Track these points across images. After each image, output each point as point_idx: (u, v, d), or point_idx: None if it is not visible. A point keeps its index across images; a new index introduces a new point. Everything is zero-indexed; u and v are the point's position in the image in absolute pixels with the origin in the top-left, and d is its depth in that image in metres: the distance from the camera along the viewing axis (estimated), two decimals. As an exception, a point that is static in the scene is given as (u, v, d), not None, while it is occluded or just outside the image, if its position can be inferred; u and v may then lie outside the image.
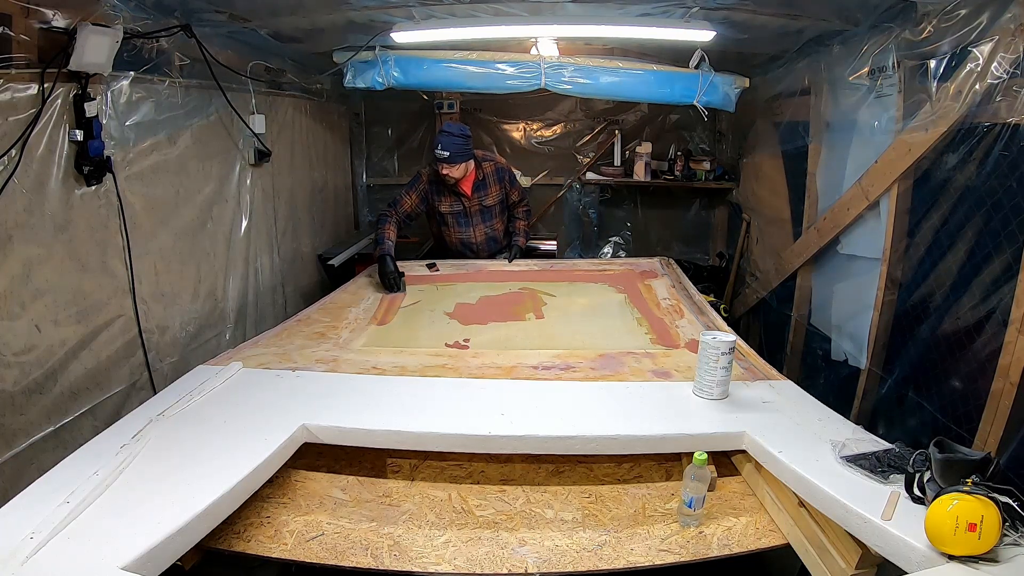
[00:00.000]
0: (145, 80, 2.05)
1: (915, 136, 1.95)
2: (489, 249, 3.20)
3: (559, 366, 1.83)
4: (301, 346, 2.00)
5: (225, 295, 2.62)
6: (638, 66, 3.02)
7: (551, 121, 4.43)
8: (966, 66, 1.73)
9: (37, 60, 1.61)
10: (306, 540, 1.25)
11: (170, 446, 1.32)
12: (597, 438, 1.41)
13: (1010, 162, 1.63)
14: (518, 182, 3.20)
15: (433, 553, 1.22)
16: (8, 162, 1.54)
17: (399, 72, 2.94)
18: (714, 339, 1.53)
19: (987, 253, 1.72)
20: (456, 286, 2.79)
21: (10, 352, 1.59)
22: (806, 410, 1.53)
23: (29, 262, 1.64)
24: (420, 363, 1.86)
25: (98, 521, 1.07)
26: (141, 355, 2.08)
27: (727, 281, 3.99)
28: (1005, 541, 0.96)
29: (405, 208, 2.98)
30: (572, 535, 1.27)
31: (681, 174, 4.14)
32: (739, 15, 2.35)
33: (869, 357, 2.27)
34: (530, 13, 2.48)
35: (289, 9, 2.38)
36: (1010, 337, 1.55)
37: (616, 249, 4.59)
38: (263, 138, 2.82)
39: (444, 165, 2.81)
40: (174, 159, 2.24)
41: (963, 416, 1.76)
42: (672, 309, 2.40)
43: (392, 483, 1.46)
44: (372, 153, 4.54)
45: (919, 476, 1.12)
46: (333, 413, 1.48)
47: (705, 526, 1.30)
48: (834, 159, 2.59)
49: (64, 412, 1.77)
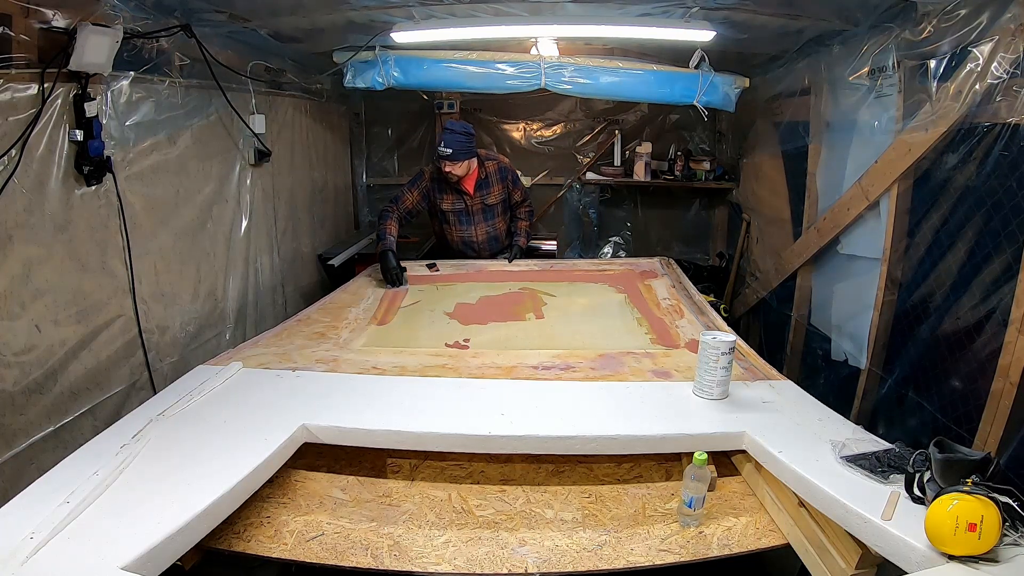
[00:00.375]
0: (145, 80, 2.05)
1: (915, 136, 1.95)
2: (490, 248, 3.20)
3: (559, 366, 1.83)
4: (301, 346, 2.00)
5: (225, 295, 2.62)
6: (638, 66, 3.02)
7: (551, 121, 4.43)
8: (966, 66, 1.73)
9: (37, 60, 1.61)
10: (306, 540, 1.25)
11: (170, 446, 1.32)
12: (597, 438, 1.41)
13: (1010, 162, 1.63)
14: (521, 182, 3.20)
15: (433, 553, 1.22)
16: (8, 162, 1.54)
17: (399, 72, 2.94)
18: (714, 339, 1.53)
19: (987, 253, 1.72)
20: (456, 286, 2.79)
21: (10, 352, 1.59)
22: (806, 410, 1.53)
23: (29, 262, 1.64)
24: (420, 363, 1.86)
25: (98, 521, 1.07)
26: (141, 355, 2.08)
27: (727, 281, 3.99)
28: (1005, 541, 0.96)
29: (406, 205, 2.99)
30: (572, 535, 1.27)
31: (681, 174, 4.14)
32: (739, 15, 2.35)
33: (869, 357, 2.27)
34: (530, 13, 2.48)
35: (289, 9, 2.38)
36: (1010, 337, 1.56)
37: (616, 249, 4.59)
38: (263, 138, 2.82)
39: (446, 162, 2.81)
40: (174, 159, 2.24)
41: (963, 416, 1.76)
42: (672, 309, 2.40)
43: (392, 483, 1.45)
44: (372, 153, 4.54)
45: (919, 476, 1.12)
46: (333, 413, 1.48)
47: (705, 526, 1.30)
48: (834, 159, 2.59)
49: (64, 412, 1.77)
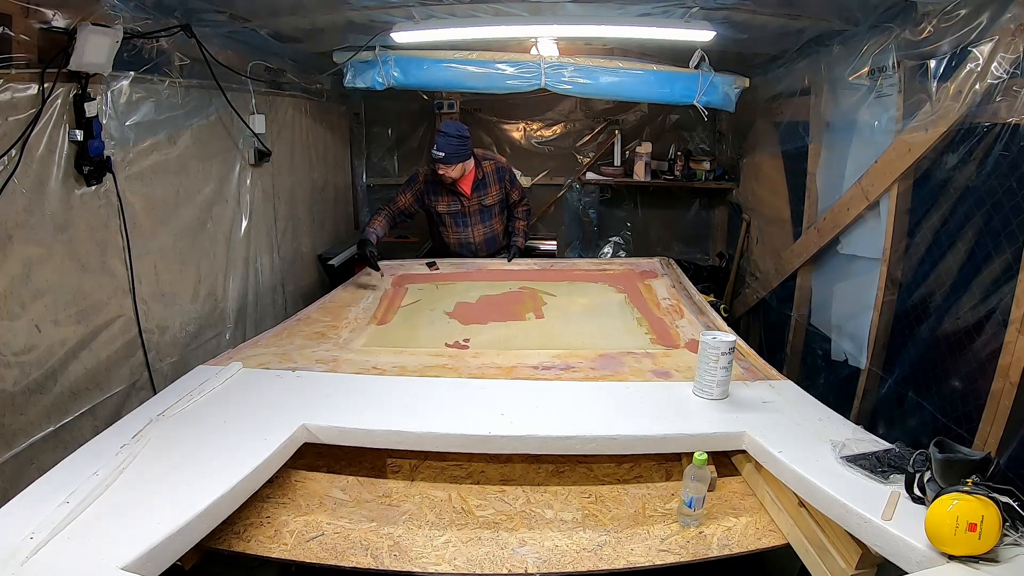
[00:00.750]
0: (145, 80, 2.05)
1: (915, 136, 1.95)
2: (488, 249, 3.19)
3: (559, 366, 1.83)
4: (301, 346, 2.00)
5: (225, 295, 2.62)
6: (638, 66, 3.02)
7: (551, 121, 4.43)
8: (966, 66, 1.73)
9: (37, 60, 1.61)
10: (306, 540, 1.25)
11: (170, 446, 1.32)
12: (597, 438, 1.41)
13: (1010, 162, 1.63)
14: (518, 182, 3.20)
15: (433, 553, 1.22)
16: (8, 162, 1.54)
17: (399, 72, 2.94)
18: (714, 339, 1.53)
19: (987, 253, 1.72)
20: (456, 285, 2.79)
21: (10, 352, 1.59)
22: (806, 410, 1.53)
23: (29, 262, 1.64)
24: (420, 363, 1.86)
25: (98, 521, 1.07)
26: (141, 355, 2.08)
27: (727, 281, 3.99)
28: (1005, 541, 0.96)
29: (399, 205, 3.00)
30: (572, 535, 1.27)
31: (681, 174, 4.14)
32: (739, 15, 2.35)
33: (869, 357, 2.27)
34: (530, 13, 2.48)
35: (289, 9, 2.38)
36: (1010, 337, 1.56)
37: (616, 249, 4.59)
38: (263, 138, 2.82)
39: (440, 165, 2.80)
40: (174, 159, 2.24)
41: (963, 416, 1.76)
42: (672, 309, 2.40)
43: (392, 483, 1.46)
44: (372, 153, 4.54)
45: (919, 476, 1.12)
46: (333, 413, 1.48)
47: (705, 526, 1.30)
48: (834, 159, 2.59)
49: (64, 412, 1.77)
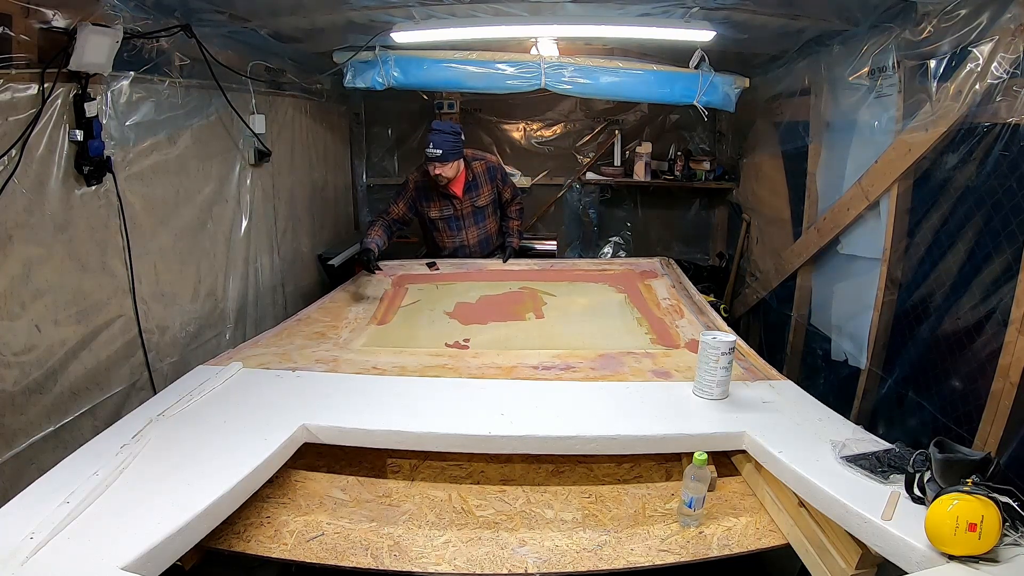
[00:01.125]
0: (145, 80, 2.05)
1: (915, 136, 1.95)
2: (482, 250, 3.17)
3: (559, 366, 1.83)
4: (301, 346, 2.00)
5: (225, 295, 2.62)
6: (638, 66, 3.01)
7: (551, 121, 4.43)
8: (966, 66, 1.73)
9: (37, 60, 1.61)
10: (306, 540, 1.25)
11: (170, 446, 1.32)
12: (597, 438, 1.41)
13: (1010, 162, 1.63)
14: (510, 179, 3.17)
15: (433, 553, 1.22)
16: (8, 162, 1.54)
17: (399, 72, 2.94)
18: (714, 339, 1.53)
19: (987, 253, 1.72)
20: (456, 285, 2.79)
21: (10, 352, 1.59)
22: (806, 410, 1.53)
23: (29, 262, 1.64)
24: (420, 363, 1.86)
25: (98, 521, 1.07)
26: (141, 355, 2.08)
27: (727, 281, 3.98)
28: (1005, 541, 0.96)
29: (393, 215, 2.97)
30: (572, 535, 1.28)
31: (681, 174, 4.13)
32: (739, 15, 2.35)
33: (869, 357, 2.27)
34: (530, 13, 2.48)
35: (289, 9, 2.38)
36: (1010, 337, 1.55)
37: (616, 249, 4.59)
38: (263, 138, 2.81)
39: (436, 164, 2.77)
40: (174, 159, 2.24)
41: (963, 416, 1.76)
42: (672, 309, 2.40)
43: (392, 483, 1.46)
44: (372, 153, 4.54)
45: (919, 476, 1.12)
46: (333, 413, 1.49)
47: (705, 526, 1.30)
48: (834, 159, 2.59)
49: (64, 412, 1.76)
